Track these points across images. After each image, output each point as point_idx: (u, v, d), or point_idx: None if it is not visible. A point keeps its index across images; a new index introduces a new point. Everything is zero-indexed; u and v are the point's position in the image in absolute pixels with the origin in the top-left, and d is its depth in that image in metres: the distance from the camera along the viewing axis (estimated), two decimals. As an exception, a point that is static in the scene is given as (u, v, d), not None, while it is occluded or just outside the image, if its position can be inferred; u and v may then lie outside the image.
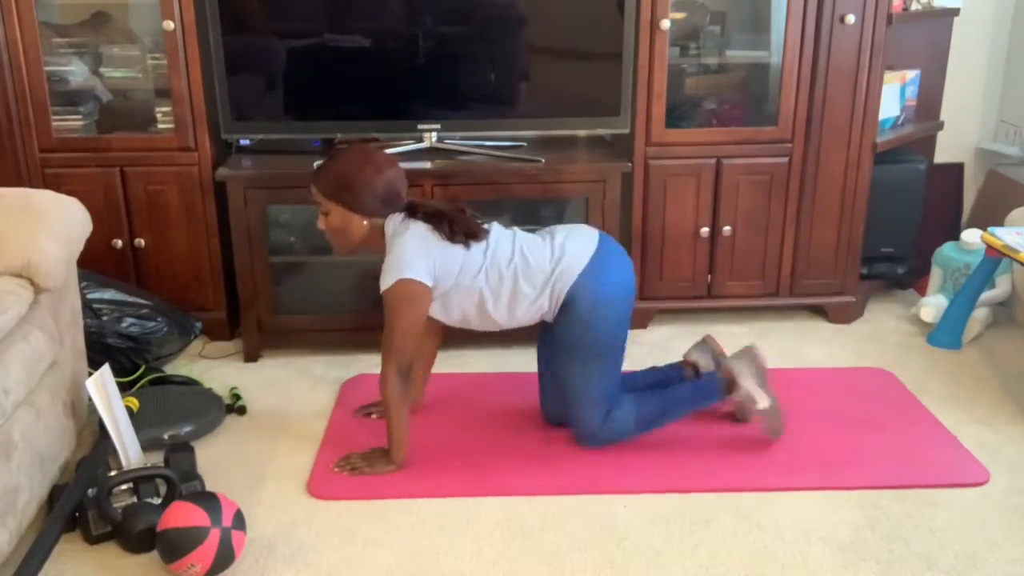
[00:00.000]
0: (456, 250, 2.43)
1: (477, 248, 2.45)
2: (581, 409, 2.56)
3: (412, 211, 2.48)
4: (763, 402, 2.57)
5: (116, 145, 3.12)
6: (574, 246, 2.49)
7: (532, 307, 2.50)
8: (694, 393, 2.65)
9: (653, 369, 2.85)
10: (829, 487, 2.44)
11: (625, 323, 2.56)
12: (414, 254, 2.39)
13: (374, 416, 2.79)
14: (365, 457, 2.54)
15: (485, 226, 2.51)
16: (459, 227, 2.44)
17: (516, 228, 2.58)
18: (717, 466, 2.53)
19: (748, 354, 2.65)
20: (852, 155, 3.30)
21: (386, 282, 2.40)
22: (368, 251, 2.55)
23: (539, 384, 2.75)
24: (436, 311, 2.50)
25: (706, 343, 2.81)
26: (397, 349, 2.42)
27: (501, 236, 2.51)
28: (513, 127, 3.27)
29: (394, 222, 2.48)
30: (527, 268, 2.47)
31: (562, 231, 2.55)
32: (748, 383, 2.58)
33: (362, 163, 2.44)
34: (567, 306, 2.48)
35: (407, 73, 3.15)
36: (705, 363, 2.78)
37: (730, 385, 2.61)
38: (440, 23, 3.13)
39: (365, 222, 2.47)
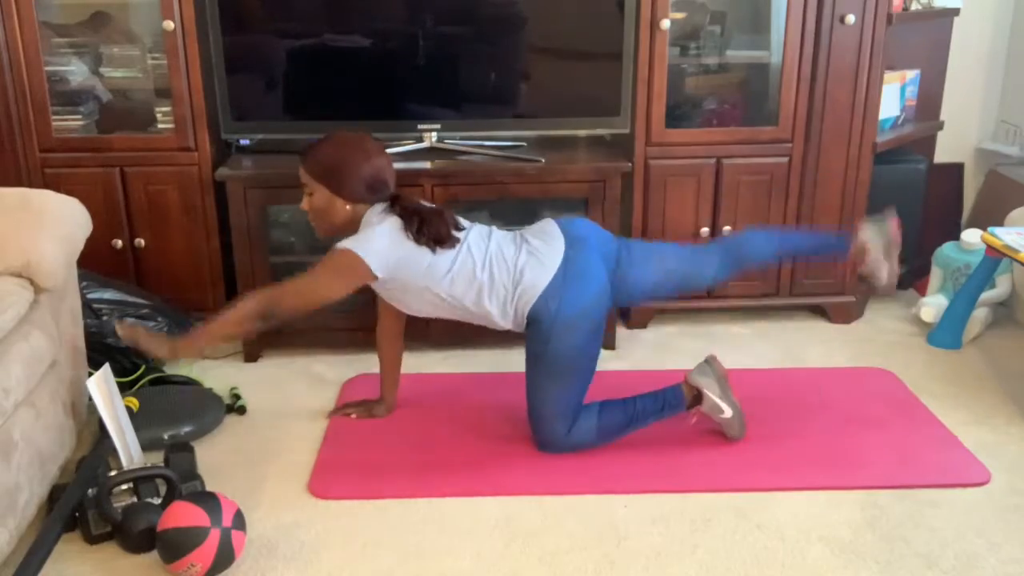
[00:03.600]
0: (422, 252, 2.42)
1: (444, 254, 2.43)
2: (543, 421, 2.55)
3: (394, 204, 2.49)
4: (727, 411, 2.59)
5: (116, 145, 3.12)
6: (532, 272, 2.45)
7: (501, 322, 2.50)
8: (658, 405, 2.60)
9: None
10: (829, 487, 2.44)
11: (591, 342, 2.52)
12: (378, 243, 2.39)
13: (353, 416, 2.77)
14: None
15: (459, 234, 2.48)
16: (427, 230, 2.42)
17: (494, 232, 2.54)
18: (717, 466, 2.53)
19: (710, 364, 2.63)
20: (852, 155, 3.30)
21: (342, 244, 2.39)
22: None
23: None
24: (396, 300, 2.52)
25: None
26: (284, 297, 2.39)
27: (474, 244, 2.48)
28: (513, 127, 3.27)
29: (374, 212, 2.49)
30: (492, 284, 2.45)
31: (527, 247, 2.49)
32: (712, 394, 2.58)
33: (351, 148, 2.47)
34: (531, 324, 2.48)
35: (407, 73, 3.15)
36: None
37: (695, 397, 2.60)
38: (440, 23, 3.13)
39: (348, 207, 2.48)
